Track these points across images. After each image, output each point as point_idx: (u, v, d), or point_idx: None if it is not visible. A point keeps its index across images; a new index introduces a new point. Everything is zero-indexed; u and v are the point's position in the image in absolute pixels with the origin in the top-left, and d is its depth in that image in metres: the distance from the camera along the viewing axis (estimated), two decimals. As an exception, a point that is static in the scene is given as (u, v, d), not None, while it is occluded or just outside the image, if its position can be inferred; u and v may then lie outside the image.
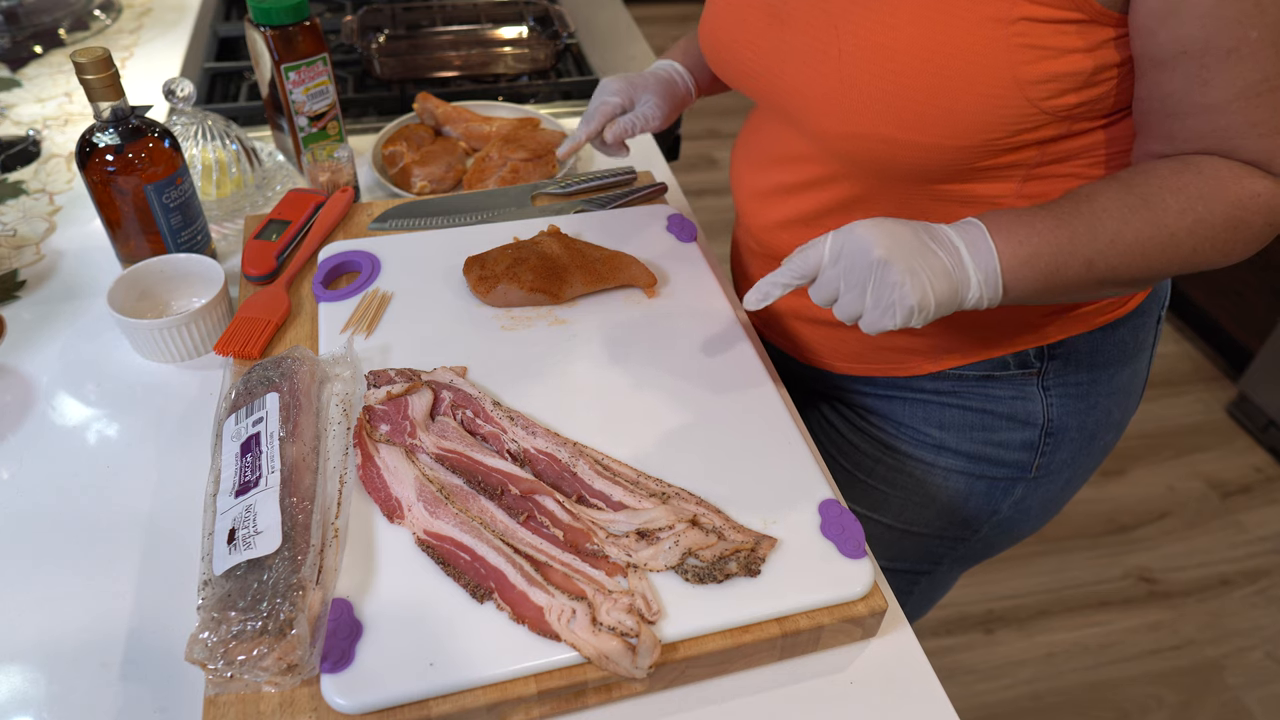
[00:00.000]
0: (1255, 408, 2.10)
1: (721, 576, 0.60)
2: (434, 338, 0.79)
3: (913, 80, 0.62)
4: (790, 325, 0.87)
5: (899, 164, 0.67)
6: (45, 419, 0.78)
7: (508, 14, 1.41)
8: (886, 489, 0.89)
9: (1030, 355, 0.79)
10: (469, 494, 0.64)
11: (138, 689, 0.59)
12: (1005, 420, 0.82)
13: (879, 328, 0.59)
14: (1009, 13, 0.58)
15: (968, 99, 0.61)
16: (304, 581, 0.56)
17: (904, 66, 0.62)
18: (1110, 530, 1.92)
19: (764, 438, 0.71)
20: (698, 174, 2.94)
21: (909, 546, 0.92)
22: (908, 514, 0.89)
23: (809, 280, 0.63)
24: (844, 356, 0.85)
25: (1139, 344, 0.82)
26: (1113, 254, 0.62)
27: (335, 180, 0.99)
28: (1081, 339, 0.78)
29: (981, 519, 0.88)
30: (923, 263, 0.58)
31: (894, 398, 0.85)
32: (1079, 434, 0.83)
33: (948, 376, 0.81)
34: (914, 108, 0.63)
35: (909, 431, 0.85)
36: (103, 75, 0.79)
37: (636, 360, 0.77)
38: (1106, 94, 0.63)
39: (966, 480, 0.85)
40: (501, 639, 0.56)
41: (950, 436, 0.84)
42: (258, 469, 0.62)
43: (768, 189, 0.80)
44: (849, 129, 0.67)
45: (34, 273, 0.94)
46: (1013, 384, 0.80)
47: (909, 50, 0.62)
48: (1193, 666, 1.68)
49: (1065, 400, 0.81)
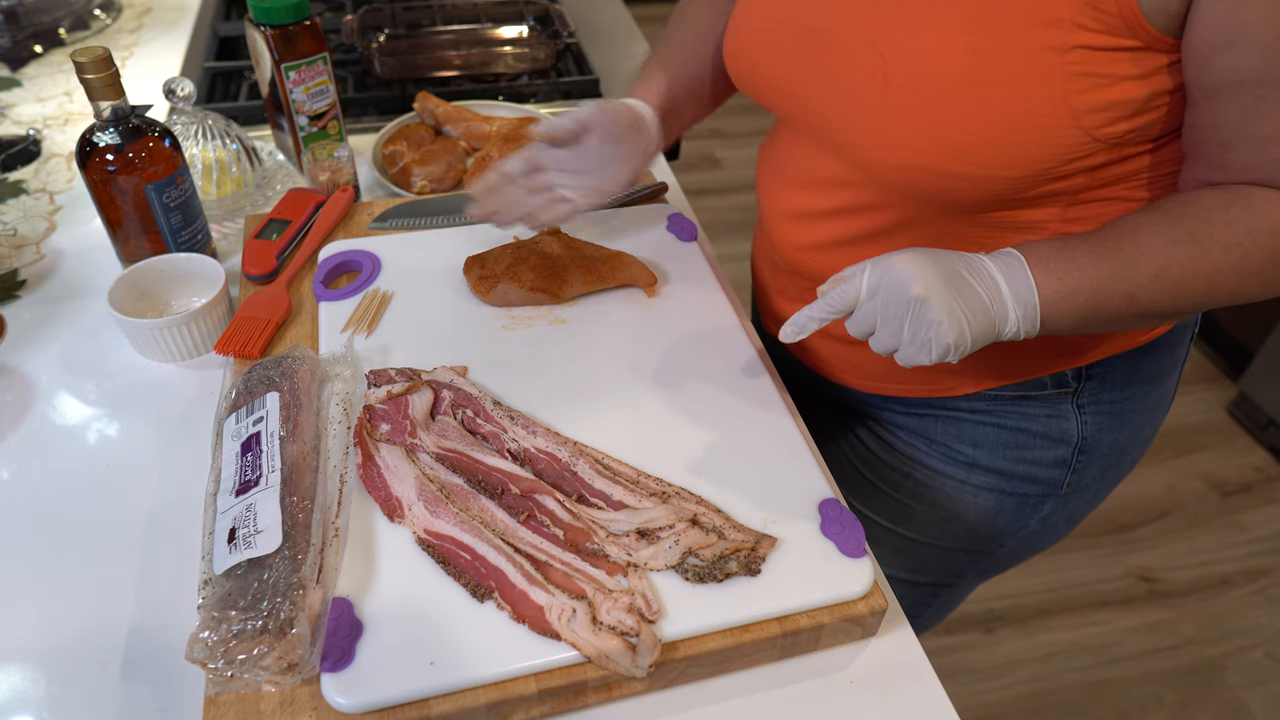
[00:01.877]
0: (1255, 407, 2.10)
1: (722, 576, 0.60)
2: (434, 337, 0.79)
3: (964, 111, 0.60)
4: (816, 343, 0.86)
5: (948, 195, 0.65)
6: (45, 418, 0.78)
7: (508, 13, 1.41)
8: (914, 504, 0.88)
9: (1068, 376, 0.77)
10: (469, 493, 0.64)
11: (138, 688, 0.59)
12: (1040, 439, 0.80)
13: (914, 363, 0.59)
14: (1065, 41, 0.56)
15: (1022, 130, 0.59)
16: (304, 581, 0.56)
17: (955, 97, 0.60)
18: (1110, 530, 1.92)
19: (764, 437, 0.71)
20: (698, 174, 2.94)
21: (933, 560, 0.91)
22: (935, 529, 0.88)
23: (846, 315, 0.62)
24: (871, 375, 0.83)
25: (1172, 361, 0.82)
26: (1155, 290, 0.61)
27: (335, 180, 0.99)
28: (1118, 359, 0.77)
29: (1008, 534, 0.88)
30: (961, 299, 0.57)
31: (926, 415, 0.84)
32: (1110, 450, 0.82)
33: (983, 397, 0.80)
34: (966, 139, 0.61)
35: (940, 449, 0.84)
36: (103, 75, 0.79)
37: (637, 359, 0.77)
38: (1157, 120, 0.61)
39: (997, 497, 0.84)
40: (502, 638, 0.56)
41: (983, 454, 0.82)
42: (258, 468, 0.62)
43: (801, 211, 0.77)
44: (897, 159, 0.65)
45: (34, 272, 0.94)
46: (1048, 403, 0.79)
47: (960, 80, 0.59)
48: (1193, 666, 1.68)
49: (1100, 418, 0.79)
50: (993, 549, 0.90)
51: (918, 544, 0.90)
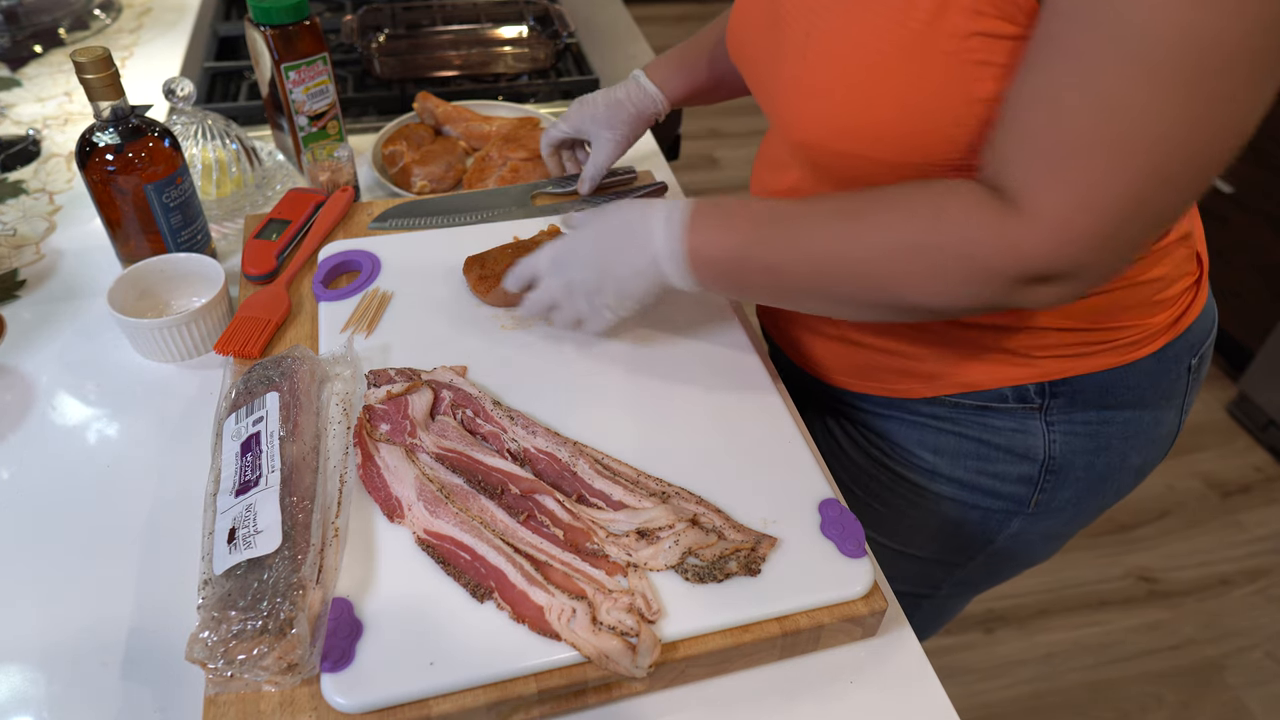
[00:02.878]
0: (1255, 407, 2.10)
1: (722, 576, 0.60)
2: (434, 337, 0.79)
3: (868, 94, 0.60)
4: (798, 336, 0.86)
5: (867, 179, 0.64)
6: (45, 418, 0.78)
7: (508, 13, 1.41)
8: (881, 507, 0.87)
9: (1030, 391, 0.75)
10: (469, 493, 0.64)
11: (138, 688, 0.59)
12: (1003, 452, 0.79)
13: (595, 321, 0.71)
14: (965, 27, 0.55)
15: (923, 116, 0.59)
16: (304, 581, 0.56)
17: (861, 79, 0.60)
18: (1110, 530, 1.92)
19: (764, 437, 0.71)
20: (698, 173, 2.94)
21: (906, 567, 0.91)
22: (901, 534, 0.88)
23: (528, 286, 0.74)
24: (846, 371, 0.83)
25: (1162, 391, 0.78)
26: (799, 265, 0.61)
27: (335, 180, 0.99)
28: (1088, 379, 0.75)
29: (975, 547, 0.87)
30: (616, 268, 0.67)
31: (891, 417, 0.83)
32: (1087, 474, 0.80)
33: (944, 403, 0.79)
34: (869, 122, 0.61)
35: (903, 453, 0.84)
36: (103, 75, 0.79)
37: (636, 359, 0.77)
38: None
39: (959, 508, 0.83)
40: (502, 638, 0.56)
41: (943, 462, 0.81)
42: (258, 468, 0.62)
43: (765, 190, 0.80)
44: (812, 138, 0.65)
45: (34, 272, 0.94)
46: (1013, 417, 0.77)
47: (868, 64, 0.60)
48: (1193, 666, 1.68)
49: (1071, 439, 0.77)
50: (962, 560, 0.89)
51: (887, 549, 0.89)
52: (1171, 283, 0.74)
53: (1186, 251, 0.75)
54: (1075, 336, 0.72)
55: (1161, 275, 0.72)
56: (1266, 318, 2.05)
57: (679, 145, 1.33)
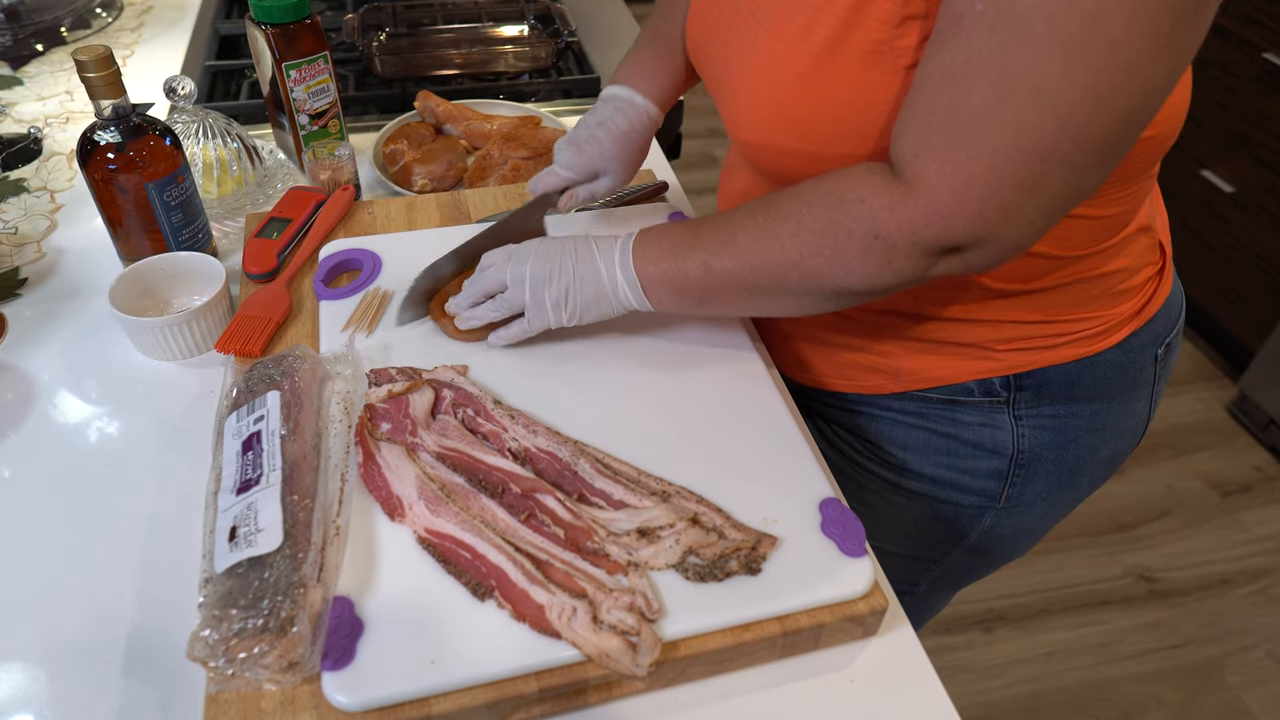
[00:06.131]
0: (1255, 407, 2.10)
1: (722, 575, 0.60)
2: (435, 336, 0.79)
3: (802, 93, 0.61)
4: (768, 336, 0.86)
5: (798, 177, 0.64)
6: (46, 417, 0.78)
7: (508, 12, 1.41)
8: (855, 505, 0.86)
9: (995, 384, 0.76)
10: (470, 492, 0.64)
11: (139, 687, 0.59)
12: (972, 447, 0.79)
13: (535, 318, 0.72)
14: (897, 12, 0.56)
15: (860, 106, 0.59)
16: (305, 579, 0.56)
17: (795, 77, 0.61)
18: (1110, 529, 1.93)
19: (764, 436, 0.71)
20: (698, 172, 2.93)
21: (882, 564, 0.89)
22: (875, 531, 0.87)
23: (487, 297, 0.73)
24: (815, 369, 0.84)
25: (1129, 381, 0.78)
26: (727, 257, 0.62)
27: (336, 178, 0.99)
28: (1053, 371, 0.75)
29: (950, 543, 0.87)
30: (573, 274, 0.69)
31: (861, 414, 0.84)
32: (1056, 468, 0.80)
33: (912, 398, 0.79)
34: (805, 121, 0.62)
35: (873, 449, 0.84)
36: (104, 73, 0.79)
37: (636, 359, 0.77)
38: None
39: (931, 503, 0.83)
40: (502, 637, 0.56)
41: (913, 458, 0.82)
42: (259, 467, 0.62)
43: (722, 196, 0.82)
44: (749, 136, 0.66)
45: (35, 271, 0.94)
46: (981, 411, 0.77)
47: (801, 63, 0.60)
48: (1192, 666, 1.68)
49: (1040, 432, 0.77)
50: (937, 556, 0.89)
51: None
52: (1134, 273, 0.74)
53: (1149, 241, 0.75)
54: (1038, 329, 0.73)
55: (1124, 266, 0.73)
56: (1266, 318, 2.05)
57: (680, 144, 1.33)
